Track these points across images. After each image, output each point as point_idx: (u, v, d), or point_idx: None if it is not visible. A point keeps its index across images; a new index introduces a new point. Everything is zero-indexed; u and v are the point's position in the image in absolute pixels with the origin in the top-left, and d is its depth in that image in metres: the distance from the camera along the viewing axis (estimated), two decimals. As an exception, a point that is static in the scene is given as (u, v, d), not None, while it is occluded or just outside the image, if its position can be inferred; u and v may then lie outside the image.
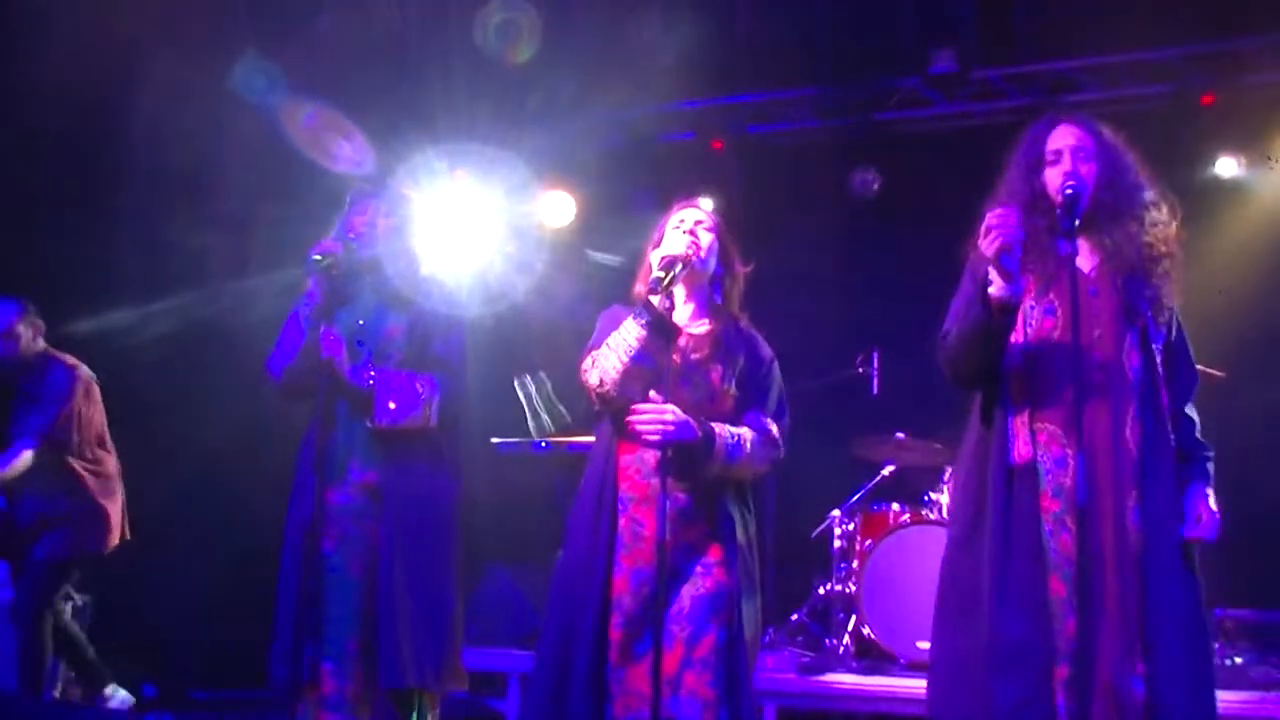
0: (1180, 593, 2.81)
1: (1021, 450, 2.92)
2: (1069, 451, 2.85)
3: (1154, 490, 2.84)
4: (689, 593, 3.14)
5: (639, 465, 3.22)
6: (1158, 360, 2.96)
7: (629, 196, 7.35)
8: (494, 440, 6.11)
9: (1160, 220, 3.04)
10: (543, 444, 5.94)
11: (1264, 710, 4.61)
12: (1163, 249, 3.01)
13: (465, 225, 7.10)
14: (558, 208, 7.44)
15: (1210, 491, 2.95)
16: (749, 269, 3.47)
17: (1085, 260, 2.98)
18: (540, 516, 6.15)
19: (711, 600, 3.12)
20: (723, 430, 3.15)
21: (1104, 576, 2.74)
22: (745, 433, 3.21)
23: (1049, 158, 3.06)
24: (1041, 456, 2.90)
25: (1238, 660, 5.14)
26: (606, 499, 3.22)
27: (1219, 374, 5.05)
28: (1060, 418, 2.89)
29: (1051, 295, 2.99)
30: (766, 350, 3.39)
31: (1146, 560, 2.79)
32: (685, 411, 3.12)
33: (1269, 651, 5.39)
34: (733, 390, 3.28)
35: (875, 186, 7.09)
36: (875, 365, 5.87)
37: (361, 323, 3.83)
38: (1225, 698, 4.67)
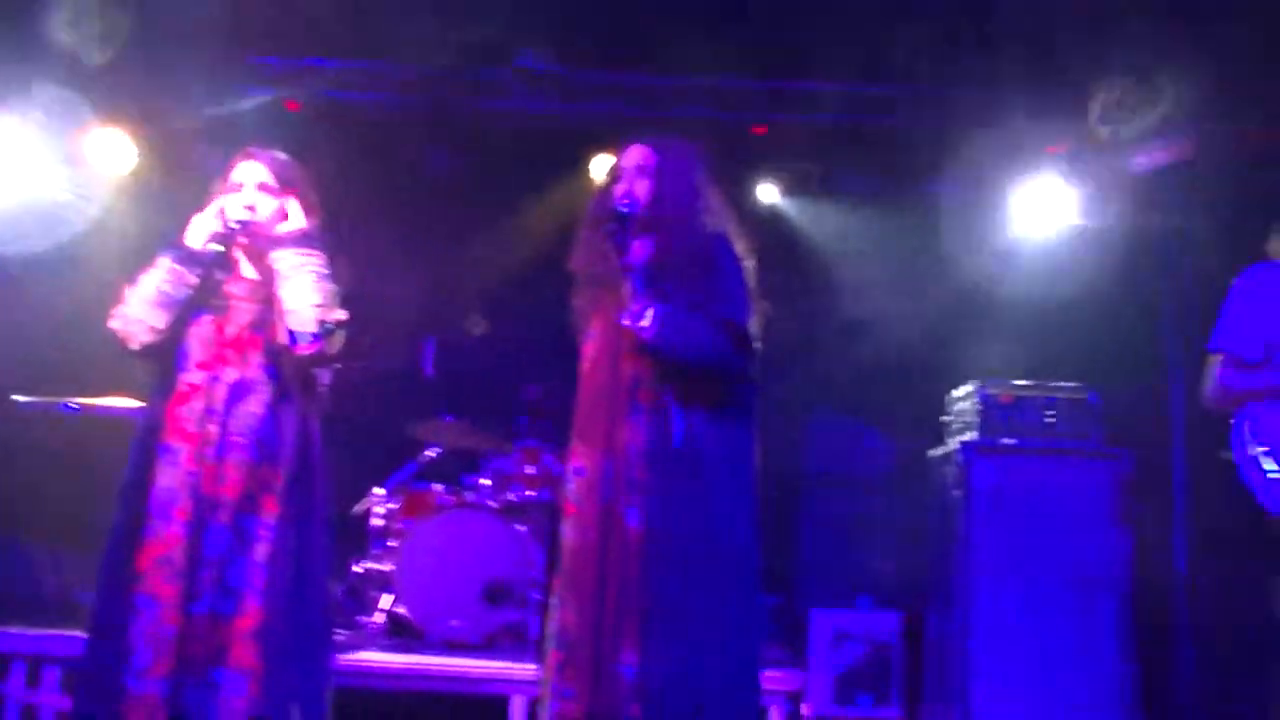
0: (680, 588, 2.99)
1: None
2: (585, 462, 3.10)
3: (656, 494, 3.02)
4: (243, 557, 3.06)
5: (188, 414, 3.12)
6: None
7: (200, 149, 6.99)
8: (15, 398, 5.63)
9: (710, 239, 3.26)
10: (71, 405, 5.54)
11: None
12: (704, 262, 3.21)
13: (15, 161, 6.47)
14: (117, 151, 6.94)
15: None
16: (318, 221, 3.44)
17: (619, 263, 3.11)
18: (63, 484, 5.73)
19: (263, 565, 3.05)
20: None
21: (601, 572, 2.94)
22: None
23: (619, 174, 3.27)
24: (567, 466, 3.16)
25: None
26: (153, 451, 3.11)
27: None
28: (587, 432, 3.13)
29: (595, 318, 3.23)
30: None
31: (646, 558, 2.98)
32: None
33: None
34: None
35: (449, 170, 7.15)
36: (431, 347, 5.93)
37: None
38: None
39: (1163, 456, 6.36)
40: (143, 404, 3.34)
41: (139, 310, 3.16)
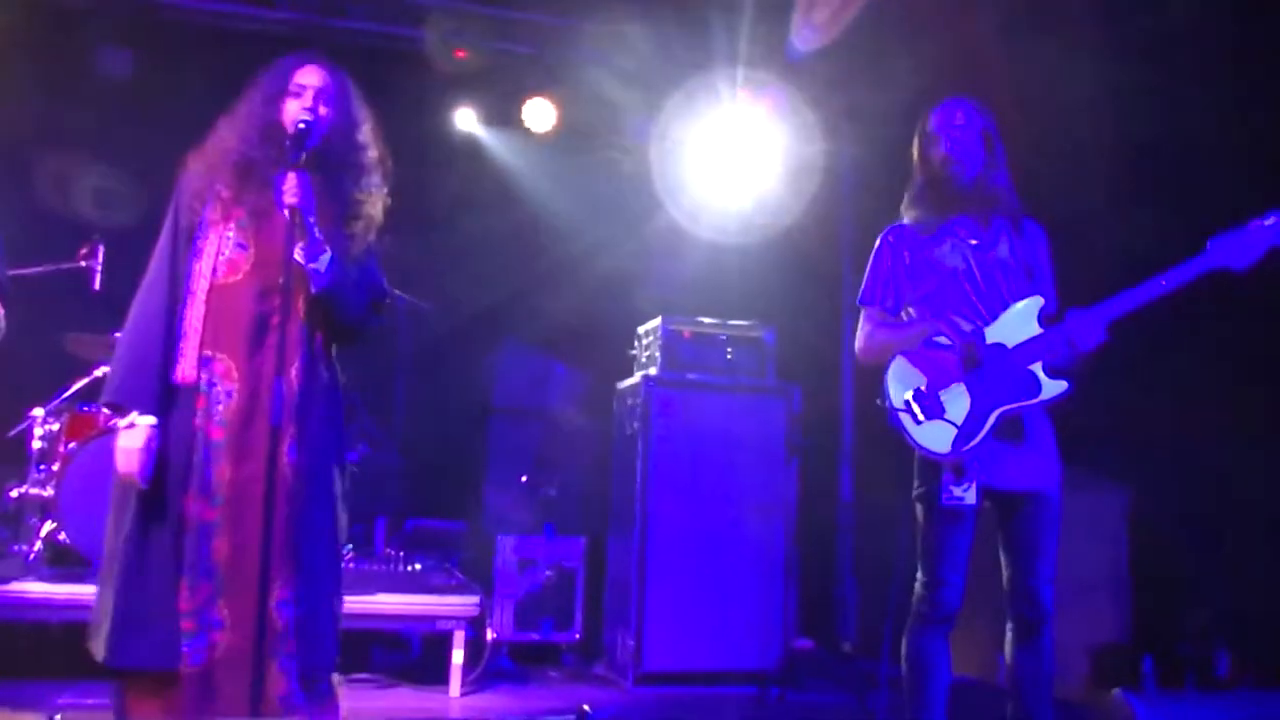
0: (328, 521, 3.04)
1: (186, 372, 2.95)
2: (236, 385, 2.96)
3: (310, 426, 3.00)
4: None
5: None
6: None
7: None
8: None
9: (374, 182, 3.20)
10: None
11: (439, 611, 5.10)
12: (367, 208, 3.17)
13: None
14: None
15: None
16: None
17: (294, 195, 2.96)
18: None
19: None
20: None
21: (259, 505, 2.81)
22: None
23: (292, 90, 3.12)
24: (210, 385, 2.96)
25: (417, 567, 5.64)
26: None
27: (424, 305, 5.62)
28: (237, 351, 2.98)
29: (249, 230, 3.04)
30: None
31: (299, 492, 2.95)
32: None
33: (443, 558, 5.99)
34: None
35: (122, 68, 6.65)
36: (99, 259, 5.50)
37: None
38: (408, 600, 5.15)
39: (832, 390, 6.83)
40: None
41: None
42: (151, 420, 2.92)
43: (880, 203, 3.72)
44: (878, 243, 3.62)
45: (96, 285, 5.50)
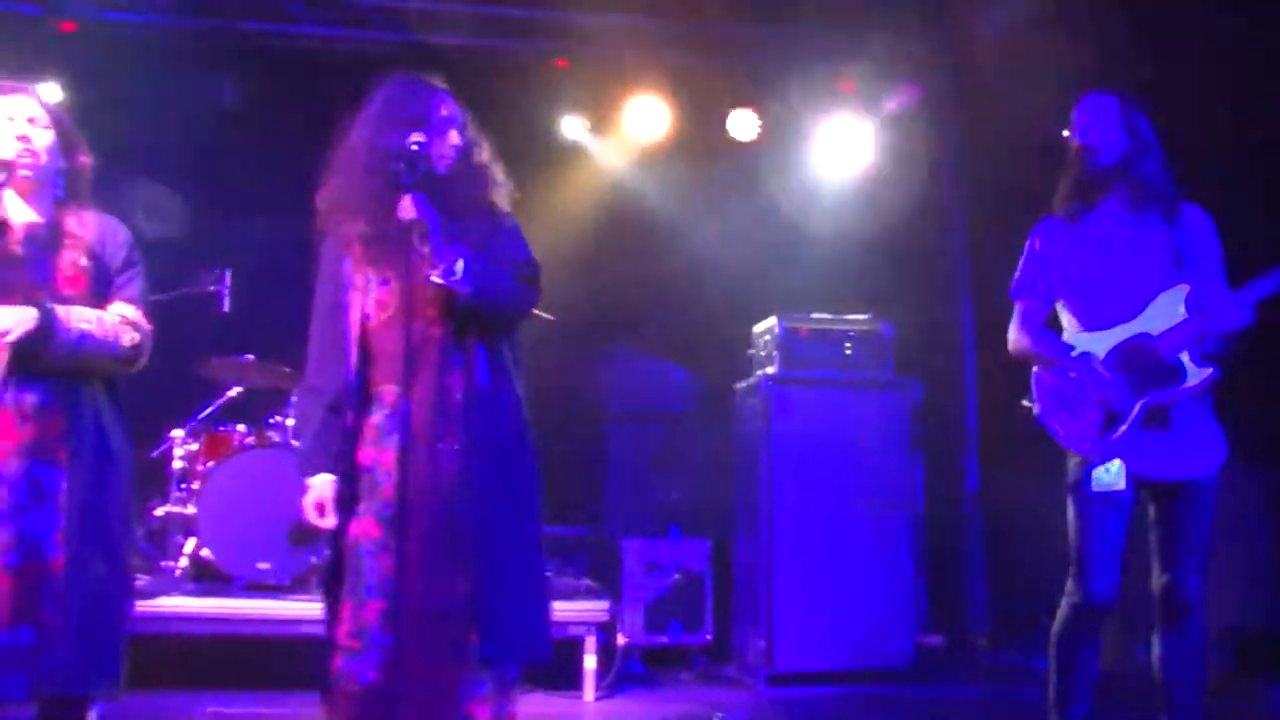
0: (505, 513, 3.04)
1: (358, 416, 3.05)
2: (408, 409, 2.97)
3: (478, 429, 3.03)
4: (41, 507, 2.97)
5: None
6: None
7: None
8: None
9: (499, 180, 3.25)
10: None
11: (571, 617, 5.16)
12: (495, 198, 3.22)
13: None
14: None
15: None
16: (92, 161, 3.30)
17: (413, 213, 3.00)
18: None
19: (61, 515, 2.98)
20: (67, 314, 3.01)
21: (422, 513, 2.88)
22: (101, 316, 3.09)
23: (410, 117, 3.09)
24: (379, 413, 3.04)
25: (546, 574, 5.68)
26: None
27: (550, 317, 5.65)
28: (401, 379, 2.98)
29: (385, 265, 3.07)
30: (124, 233, 3.30)
31: (469, 491, 2.98)
32: (24, 297, 2.98)
33: (568, 564, 6.04)
34: (87, 273, 3.14)
35: (234, 98, 6.85)
36: (226, 283, 5.67)
37: None
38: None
39: (954, 382, 6.73)
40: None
41: None
42: (329, 478, 3.05)
43: (994, 192, 3.66)
44: (1031, 235, 3.62)
45: (225, 308, 5.67)
